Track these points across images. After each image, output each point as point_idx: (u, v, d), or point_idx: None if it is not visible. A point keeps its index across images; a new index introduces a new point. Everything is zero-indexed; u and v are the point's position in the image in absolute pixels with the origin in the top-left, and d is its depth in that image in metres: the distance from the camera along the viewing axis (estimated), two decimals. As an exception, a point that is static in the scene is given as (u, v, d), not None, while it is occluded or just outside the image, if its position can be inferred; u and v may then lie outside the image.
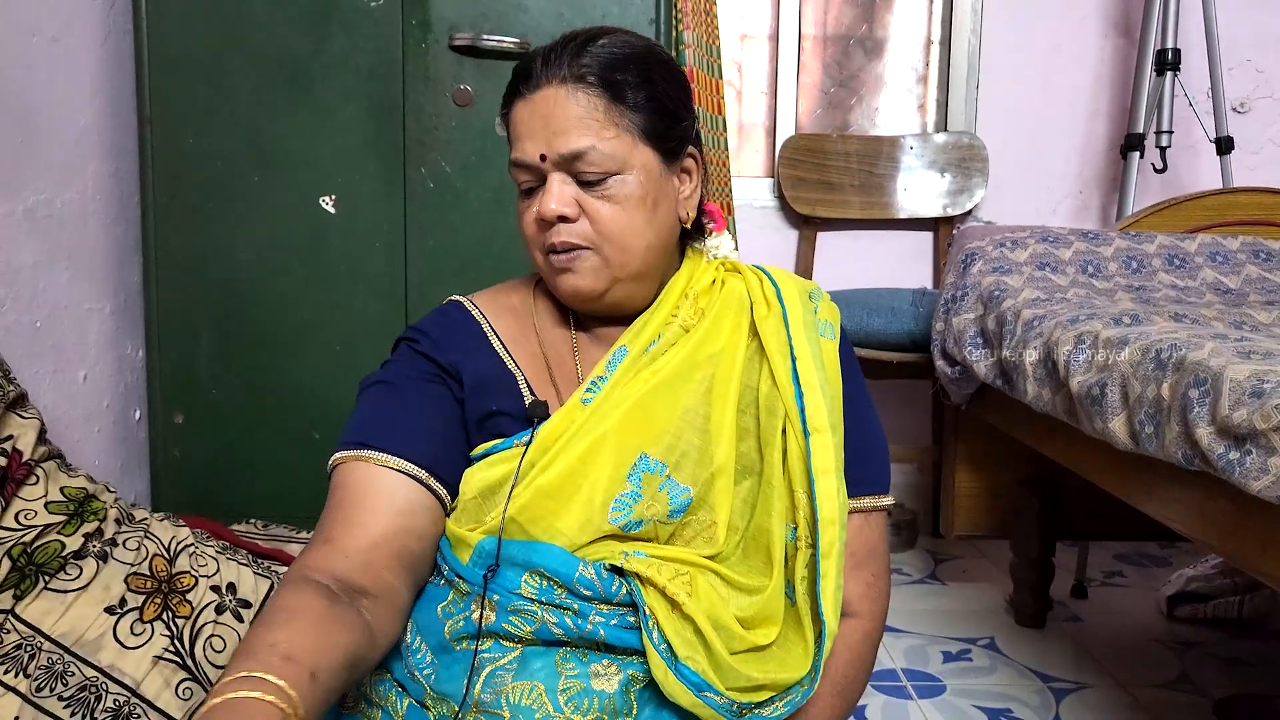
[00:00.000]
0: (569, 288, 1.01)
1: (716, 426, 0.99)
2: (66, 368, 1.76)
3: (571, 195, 0.99)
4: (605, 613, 0.92)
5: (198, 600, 1.38)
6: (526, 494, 0.95)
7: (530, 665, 0.91)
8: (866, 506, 1.04)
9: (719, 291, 1.08)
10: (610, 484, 0.95)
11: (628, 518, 0.95)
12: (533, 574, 0.93)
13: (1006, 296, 1.76)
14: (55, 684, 1.24)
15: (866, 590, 1.04)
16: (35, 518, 1.34)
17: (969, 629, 2.04)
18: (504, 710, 0.89)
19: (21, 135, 1.61)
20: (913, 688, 1.77)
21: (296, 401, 1.91)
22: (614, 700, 0.90)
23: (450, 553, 0.97)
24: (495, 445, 0.99)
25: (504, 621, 0.92)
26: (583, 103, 0.98)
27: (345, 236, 1.89)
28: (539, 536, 0.94)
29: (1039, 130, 2.84)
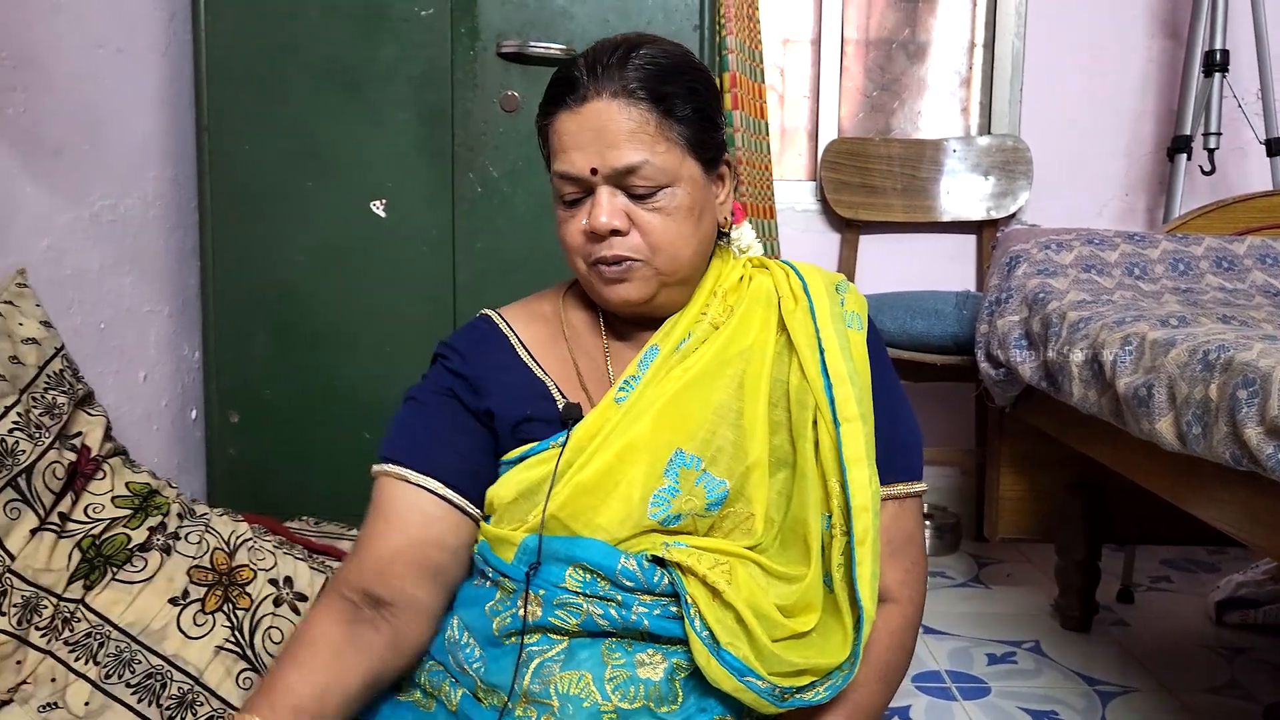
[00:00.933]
0: (619, 298, 1.03)
1: (750, 421, 1.02)
2: (128, 368, 1.81)
3: (622, 208, 1.00)
4: (648, 603, 0.95)
5: (256, 593, 1.42)
6: (566, 491, 0.98)
7: (577, 656, 0.94)
8: (900, 493, 1.06)
9: (746, 287, 1.10)
10: (648, 480, 0.98)
11: (667, 512, 0.97)
12: (576, 568, 0.96)
13: (1052, 299, 1.76)
14: (124, 671, 1.29)
15: (905, 576, 1.05)
16: (103, 511, 1.39)
17: (1013, 632, 2.03)
18: (553, 699, 0.92)
19: (88, 143, 1.67)
20: (957, 689, 1.77)
21: (347, 401, 1.96)
22: (659, 688, 0.93)
23: (492, 554, 1.01)
24: (531, 449, 1.02)
25: (550, 615, 0.95)
26: (635, 117, 0.98)
27: (395, 240, 1.94)
28: (580, 532, 0.97)
29: (1084, 132, 2.82)
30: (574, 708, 0.92)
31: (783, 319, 1.07)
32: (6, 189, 1.46)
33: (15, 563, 1.28)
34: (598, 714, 0.91)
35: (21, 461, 1.31)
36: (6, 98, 1.46)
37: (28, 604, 1.28)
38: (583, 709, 0.92)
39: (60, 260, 1.60)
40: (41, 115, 1.54)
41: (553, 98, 1.02)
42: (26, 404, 1.35)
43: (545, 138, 1.04)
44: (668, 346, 1.05)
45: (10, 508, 1.30)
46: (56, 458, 1.36)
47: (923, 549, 1.09)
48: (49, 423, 1.37)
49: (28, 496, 1.31)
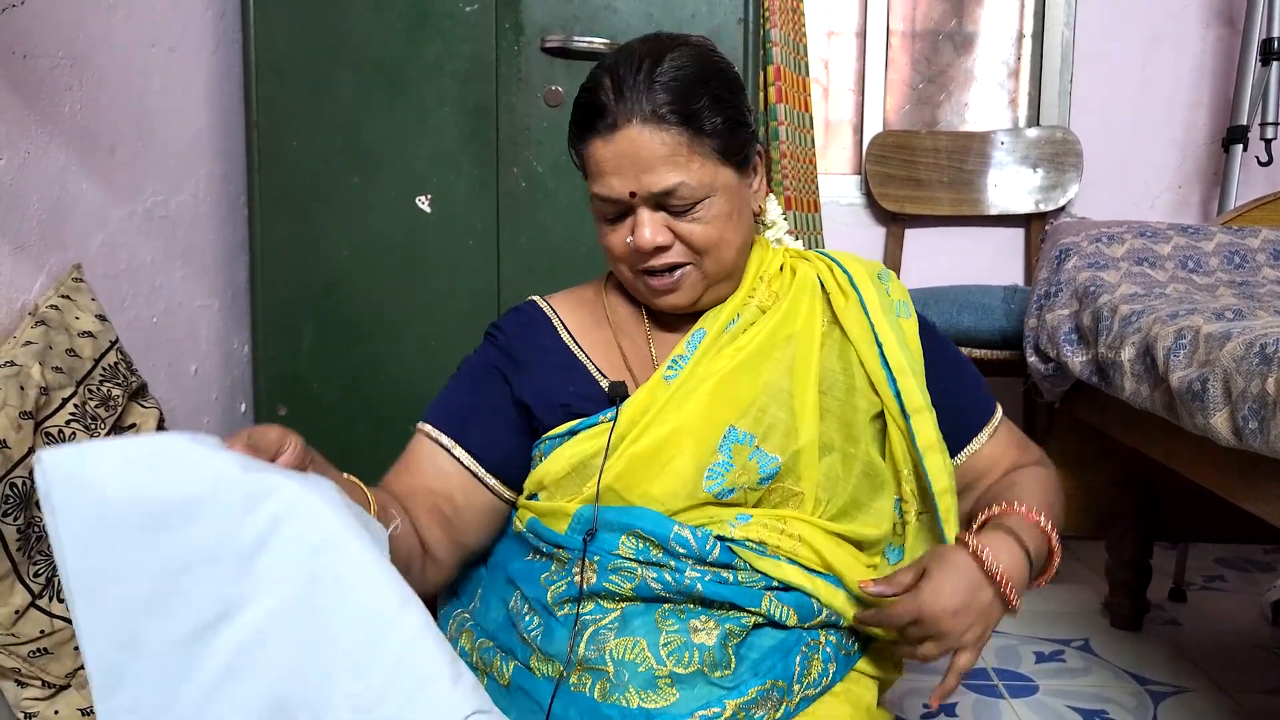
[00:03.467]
0: (669, 305, 1.08)
1: (800, 403, 1.05)
2: (179, 361, 1.84)
3: (663, 223, 1.04)
4: (701, 570, 0.98)
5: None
6: (621, 463, 1.02)
7: (631, 623, 0.96)
8: (999, 423, 1.19)
9: (790, 277, 1.13)
10: (702, 454, 1.01)
11: (721, 485, 1.01)
12: (630, 535, 0.99)
13: (1103, 292, 1.73)
14: (175, 658, 1.31)
15: (1040, 455, 1.20)
16: (155, 501, 1.41)
17: (1062, 630, 2.00)
18: (608, 665, 0.94)
19: (141, 139, 1.70)
20: (1004, 687, 1.75)
21: (393, 394, 1.98)
22: (713, 653, 0.95)
23: (544, 528, 1.04)
24: (581, 423, 1.06)
25: (605, 581, 0.98)
26: (667, 141, 1.00)
27: (440, 235, 1.95)
28: (634, 503, 1.01)
29: (1136, 123, 2.77)
30: (629, 673, 0.93)
31: (833, 312, 1.11)
32: (62, 185, 1.49)
33: (72, 551, 1.31)
34: (652, 679, 0.93)
35: (78, 452, 1.34)
36: (63, 96, 1.49)
37: (84, 591, 1.31)
38: (638, 674, 0.93)
39: (114, 255, 1.63)
40: (96, 113, 1.57)
41: (582, 123, 1.04)
42: (83, 396, 1.37)
43: (580, 157, 1.08)
44: (715, 328, 1.09)
45: (67, 497, 1.32)
46: (111, 448, 1.38)
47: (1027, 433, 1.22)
48: (104, 415, 1.39)
49: (84, 486, 1.34)
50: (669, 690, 0.92)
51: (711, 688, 0.93)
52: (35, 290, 1.43)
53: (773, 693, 0.94)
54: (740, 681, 0.94)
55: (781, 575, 0.98)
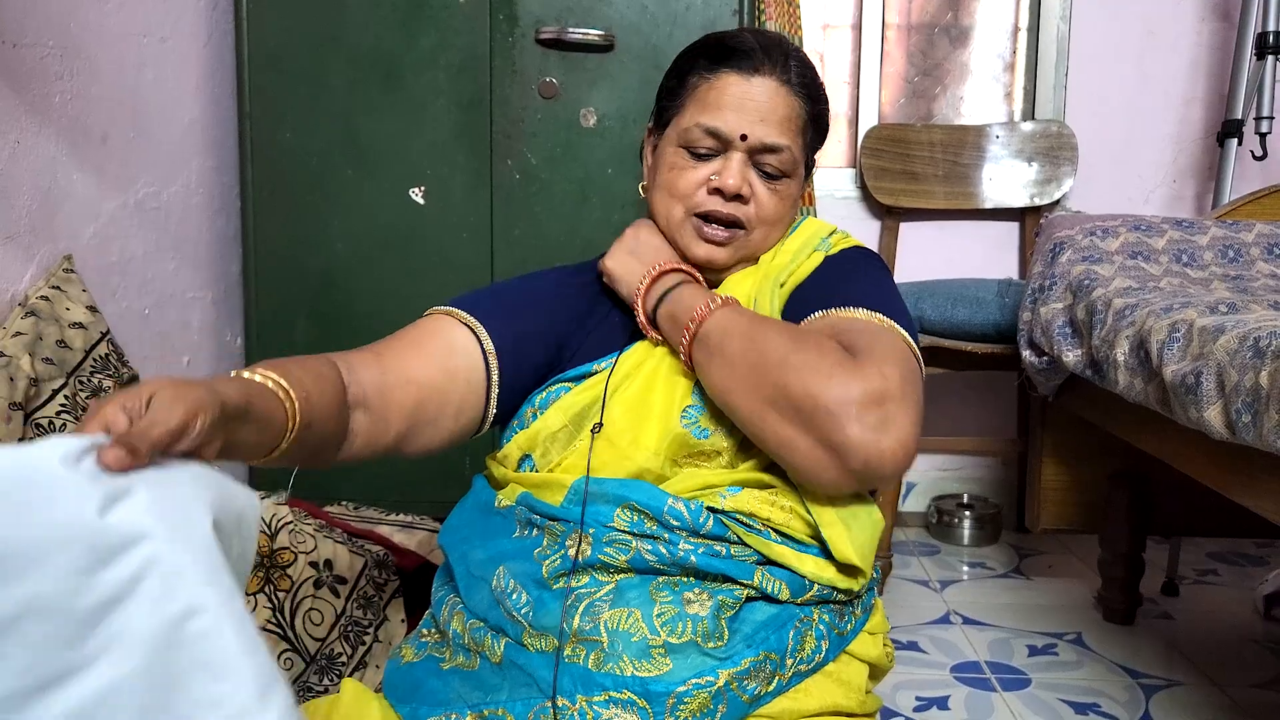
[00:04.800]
0: (705, 256, 1.12)
1: None
2: (171, 354, 1.84)
3: (749, 179, 1.10)
4: (694, 543, 0.98)
5: (297, 575, 1.43)
6: (616, 408, 1.05)
7: (626, 595, 0.96)
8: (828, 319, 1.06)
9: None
10: (681, 396, 1.06)
11: (695, 425, 1.04)
12: (625, 508, 0.99)
13: (1097, 286, 1.72)
14: (166, 650, 1.31)
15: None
16: (147, 493, 1.41)
17: (1055, 624, 2.01)
18: (602, 636, 0.94)
19: (133, 131, 1.69)
20: (997, 680, 1.75)
21: (387, 388, 1.97)
22: (706, 624, 0.95)
23: (538, 501, 1.04)
24: (578, 369, 1.10)
25: (599, 553, 0.97)
26: (795, 107, 1.10)
27: (434, 227, 1.94)
28: (627, 450, 1.03)
29: (1131, 117, 2.77)
30: (623, 643, 0.93)
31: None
32: (53, 176, 1.49)
33: (63, 543, 1.31)
34: (646, 649, 0.93)
35: (68, 444, 1.33)
36: (54, 86, 1.48)
37: (75, 583, 1.30)
38: (631, 644, 0.93)
39: (105, 246, 1.62)
40: (87, 103, 1.56)
41: (720, 57, 1.11)
42: (73, 387, 1.37)
43: (686, 89, 1.12)
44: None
45: (58, 489, 1.32)
46: (102, 440, 1.38)
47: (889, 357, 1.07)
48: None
49: (74, 478, 1.34)
50: (663, 660, 0.93)
51: (705, 658, 0.93)
52: (26, 281, 1.43)
53: (765, 665, 0.95)
54: (733, 652, 0.94)
55: (769, 553, 0.98)
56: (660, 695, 0.91)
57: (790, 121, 1.10)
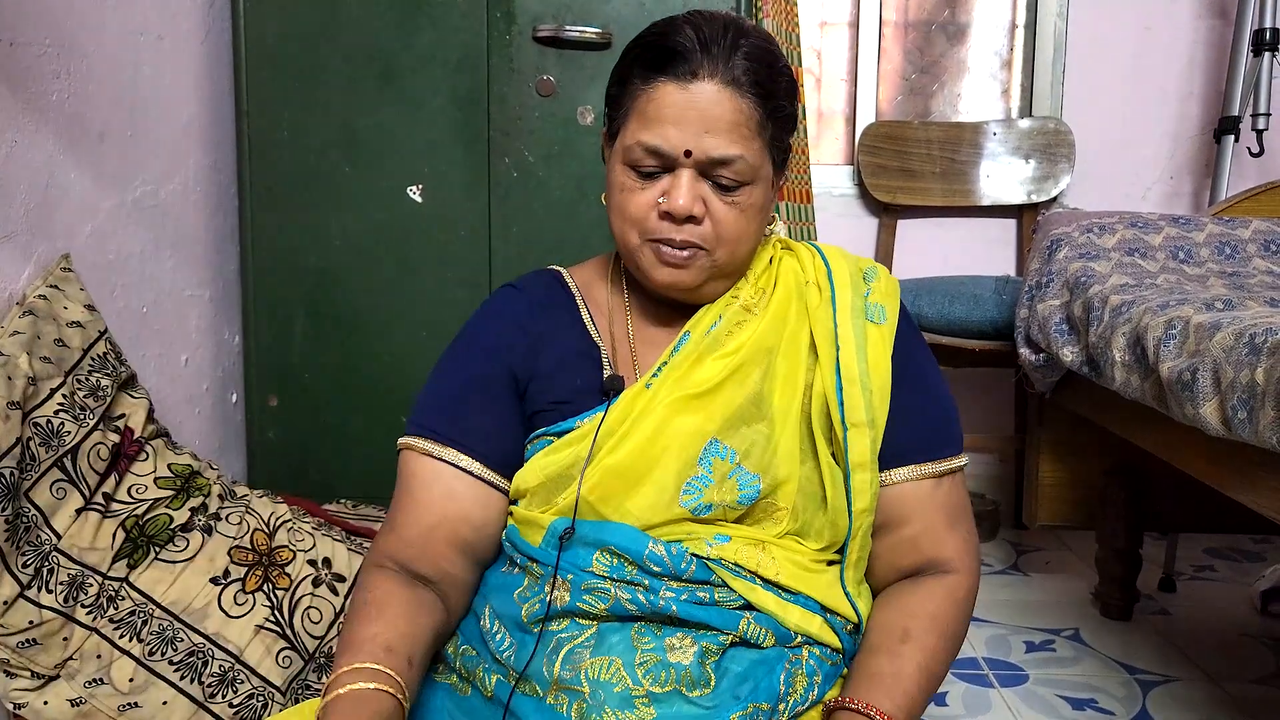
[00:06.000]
0: (668, 281, 1.01)
1: (782, 415, 1.01)
2: (170, 352, 1.84)
3: (701, 195, 0.98)
4: (676, 589, 0.95)
5: (296, 573, 1.43)
6: (596, 474, 0.97)
7: (607, 640, 0.94)
8: (948, 469, 1.05)
9: (776, 270, 1.08)
10: (681, 468, 0.97)
11: (699, 501, 0.97)
12: (604, 552, 0.95)
13: (1094, 283, 1.73)
14: (166, 649, 1.31)
15: (965, 546, 1.04)
16: (145, 492, 1.41)
17: (1052, 620, 2.01)
18: (583, 686, 0.91)
19: (130, 129, 1.69)
20: (995, 676, 1.75)
21: (384, 385, 1.97)
22: (690, 671, 0.92)
23: (520, 538, 1.00)
24: (559, 425, 1.01)
25: (578, 600, 0.94)
26: (742, 110, 0.96)
27: (432, 225, 1.94)
28: (610, 517, 0.97)
29: (1128, 114, 2.77)
30: (605, 693, 0.91)
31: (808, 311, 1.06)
32: (50, 174, 1.49)
33: (62, 542, 1.31)
34: (629, 699, 0.91)
35: (67, 442, 1.33)
36: (50, 84, 1.48)
37: (74, 582, 1.31)
38: (614, 694, 0.91)
39: (103, 245, 1.62)
40: (84, 101, 1.56)
41: (654, 64, 0.98)
42: (71, 386, 1.37)
43: (627, 98, 1.00)
44: (699, 332, 1.04)
45: (56, 488, 1.32)
46: (101, 439, 1.38)
47: (973, 521, 1.08)
48: (93, 404, 1.39)
49: (73, 477, 1.34)
50: (646, 709, 0.91)
51: (690, 707, 0.91)
52: (23, 280, 1.42)
53: (756, 716, 0.92)
54: (720, 703, 0.92)
55: (756, 600, 0.95)
56: None
57: (740, 126, 0.96)
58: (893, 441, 1.02)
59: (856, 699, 0.94)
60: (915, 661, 0.97)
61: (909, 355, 1.06)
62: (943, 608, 1.01)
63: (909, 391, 1.04)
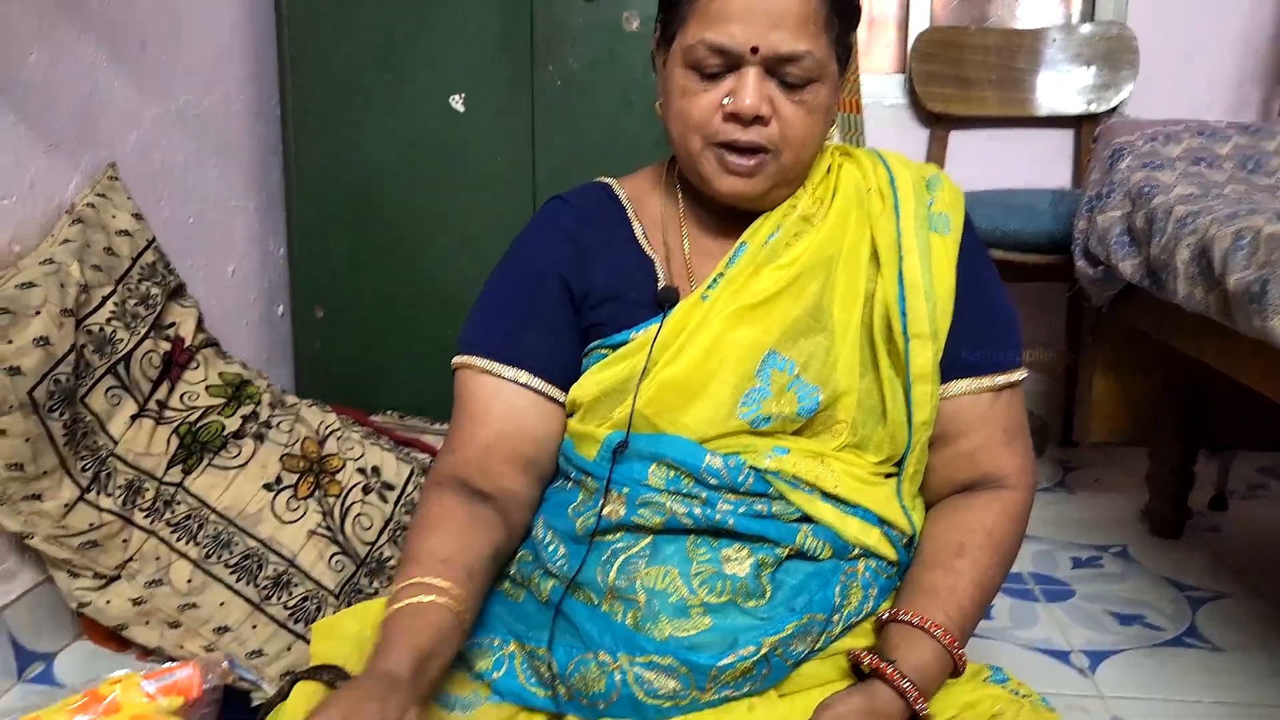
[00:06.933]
0: (732, 190, 0.98)
1: (842, 327, 0.99)
2: (216, 263, 1.84)
3: (768, 94, 0.95)
4: (733, 501, 0.94)
5: (346, 481, 1.45)
6: (652, 387, 0.96)
7: (662, 552, 0.94)
8: (1006, 382, 1.03)
9: (835, 179, 1.05)
10: (739, 380, 0.96)
11: (756, 414, 0.96)
12: (660, 465, 0.95)
13: (1158, 193, 1.67)
14: (222, 552, 1.34)
15: (1022, 463, 1.04)
16: (197, 399, 1.43)
17: (1100, 537, 2.00)
18: (639, 594, 0.92)
19: (172, 39, 1.67)
20: (1041, 591, 1.75)
21: (429, 297, 1.97)
22: (746, 583, 0.92)
23: (575, 452, 1.00)
24: (614, 338, 1.00)
25: (633, 514, 0.94)
26: (809, 4, 0.93)
27: (474, 135, 1.92)
28: (665, 430, 0.96)
29: (1196, 20, 2.64)
30: (660, 602, 0.91)
31: (870, 219, 1.03)
32: (94, 82, 1.48)
33: (118, 447, 1.33)
34: (684, 608, 0.91)
35: (119, 350, 1.35)
36: (91, -11, 1.46)
37: (131, 486, 1.33)
38: (669, 604, 0.91)
39: (148, 154, 1.62)
40: (126, 9, 1.54)
41: None
42: (122, 294, 1.38)
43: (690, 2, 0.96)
44: (755, 243, 1.01)
45: (111, 394, 1.34)
46: (152, 347, 1.39)
47: (1030, 437, 1.07)
48: (144, 313, 1.40)
49: (127, 384, 1.35)
50: (701, 619, 0.91)
51: (746, 618, 0.91)
52: (71, 188, 1.43)
53: (810, 627, 0.92)
54: (775, 615, 0.92)
55: (814, 512, 0.95)
56: (703, 667, 0.88)
57: (807, 21, 0.93)
58: (953, 353, 1.00)
59: (910, 611, 0.94)
60: (969, 576, 0.97)
61: (973, 266, 1.04)
62: (998, 523, 1.00)
63: (972, 303, 1.02)
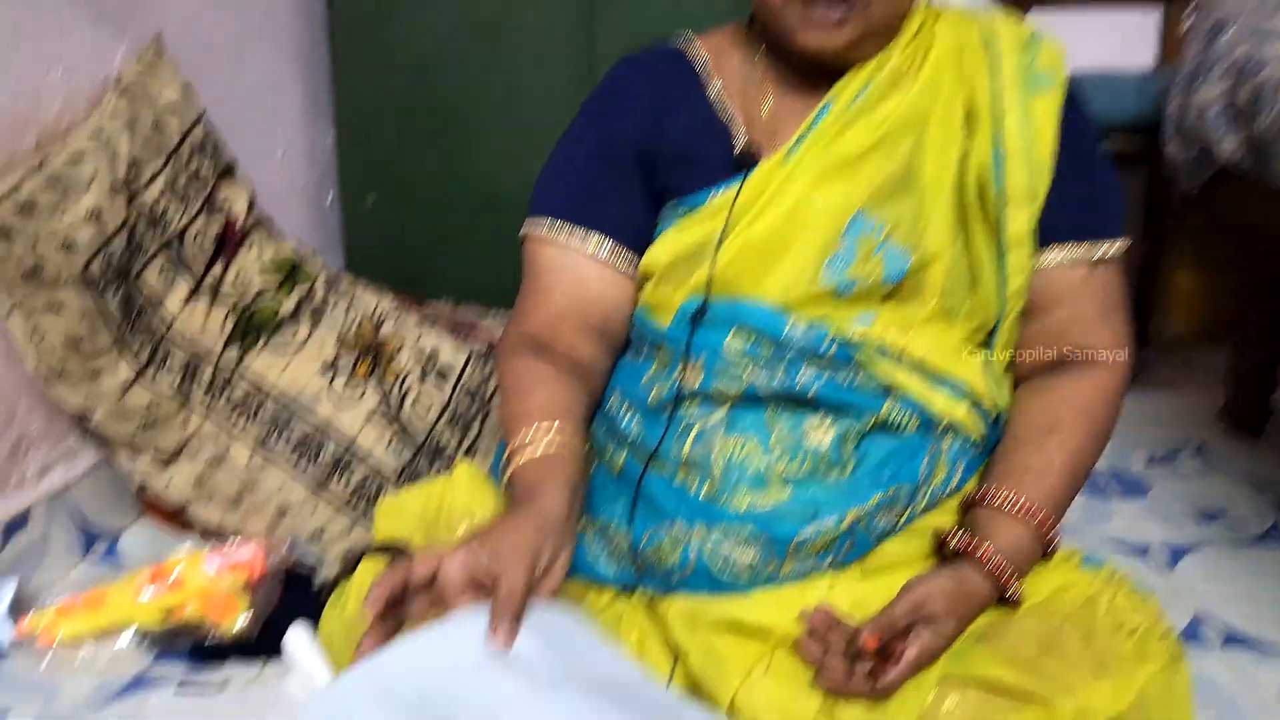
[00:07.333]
0: (817, 44, 0.92)
1: (934, 188, 0.93)
2: (264, 145, 1.79)
3: None
4: (815, 370, 0.91)
5: (403, 364, 1.42)
6: (732, 250, 0.92)
7: (740, 422, 0.91)
8: (1106, 253, 0.98)
9: (928, 38, 0.98)
10: (824, 243, 0.92)
11: (841, 278, 0.91)
12: (738, 331, 0.91)
13: (1264, 67, 1.55)
14: (281, 433, 1.32)
15: (1118, 337, 0.99)
16: (252, 280, 1.39)
17: (1176, 434, 1.92)
18: (715, 466, 0.89)
19: (214, -100, 1.59)
20: (1115, 486, 1.69)
21: (483, 182, 1.91)
22: (828, 455, 0.89)
23: (648, 320, 0.97)
24: (692, 197, 0.95)
25: (711, 383, 0.91)
26: None
27: (530, 10, 1.83)
28: (746, 294, 0.92)
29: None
30: (738, 474, 0.89)
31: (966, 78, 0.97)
32: (137, -53, 1.41)
33: (174, 327, 1.31)
34: (763, 479, 0.88)
35: (172, 227, 1.31)
36: None
37: (188, 366, 1.31)
38: (747, 475, 0.89)
39: (193, 30, 1.56)
40: None
41: None
42: (172, 170, 1.34)
43: None
44: (842, 101, 0.95)
45: (165, 273, 1.31)
46: (204, 225, 1.36)
47: (1128, 312, 1.01)
48: (195, 190, 1.36)
49: (180, 262, 1.32)
50: (780, 490, 0.88)
51: (827, 490, 0.88)
52: (118, 60, 1.37)
53: (896, 501, 0.89)
54: (859, 487, 0.88)
55: (900, 383, 0.91)
56: (783, 539, 0.86)
57: None
58: (1050, 219, 0.95)
59: (1000, 491, 0.90)
60: (1061, 455, 0.93)
61: (1075, 127, 0.97)
62: (1092, 400, 0.96)
63: (1072, 166, 0.96)
